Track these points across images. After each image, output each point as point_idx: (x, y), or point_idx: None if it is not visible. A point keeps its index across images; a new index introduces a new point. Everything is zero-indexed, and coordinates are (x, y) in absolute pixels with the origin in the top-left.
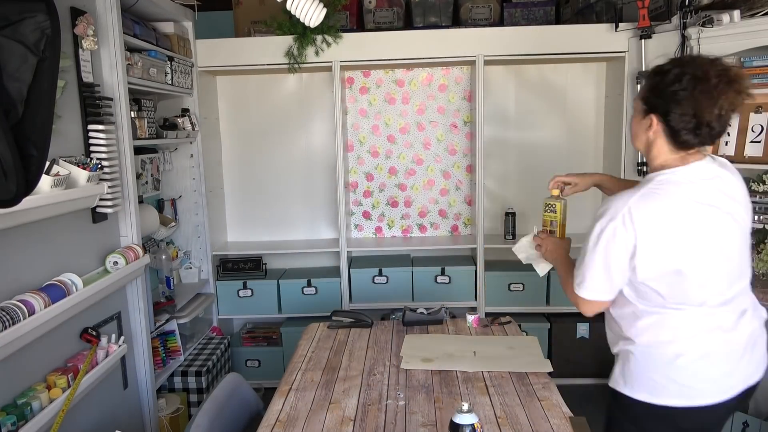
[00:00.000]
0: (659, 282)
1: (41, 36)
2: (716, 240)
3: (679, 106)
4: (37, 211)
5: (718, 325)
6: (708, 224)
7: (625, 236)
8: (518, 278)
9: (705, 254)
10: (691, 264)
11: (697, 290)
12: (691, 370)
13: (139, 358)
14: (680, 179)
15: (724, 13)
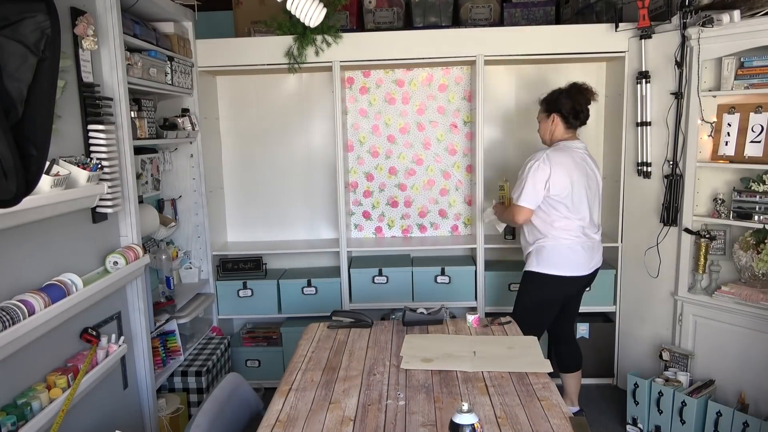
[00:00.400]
0: (563, 198)
1: (41, 36)
2: (586, 180)
3: (564, 106)
4: (37, 211)
5: (586, 232)
6: (582, 170)
7: (544, 169)
8: (518, 278)
9: (581, 186)
10: (576, 190)
11: (580, 207)
12: (575, 255)
13: (139, 358)
14: (569, 145)
15: (724, 13)
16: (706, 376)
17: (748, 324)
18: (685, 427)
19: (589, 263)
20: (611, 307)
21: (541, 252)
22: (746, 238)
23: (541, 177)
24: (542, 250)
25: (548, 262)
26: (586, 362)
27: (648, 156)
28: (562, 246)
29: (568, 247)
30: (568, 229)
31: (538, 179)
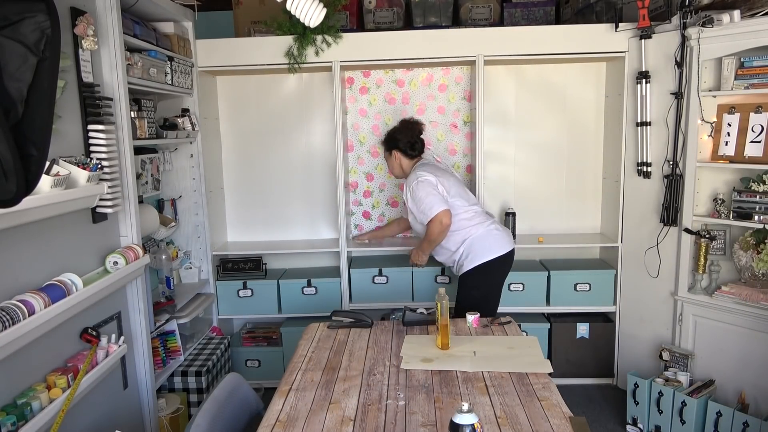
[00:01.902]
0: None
1: (41, 36)
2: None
3: (400, 141)
4: (37, 211)
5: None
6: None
7: (428, 179)
8: (518, 278)
9: (459, 183)
10: (459, 186)
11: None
12: (498, 234)
13: (139, 358)
14: (425, 161)
15: (724, 13)
16: (706, 376)
17: (748, 324)
18: (685, 427)
19: (509, 239)
20: (611, 307)
21: (471, 247)
22: (746, 238)
23: (429, 187)
24: (471, 245)
25: (481, 250)
26: (587, 362)
27: (648, 156)
28: (482, 233)
29: (487, 232)
30: (477, 215)
31: (429, 189)
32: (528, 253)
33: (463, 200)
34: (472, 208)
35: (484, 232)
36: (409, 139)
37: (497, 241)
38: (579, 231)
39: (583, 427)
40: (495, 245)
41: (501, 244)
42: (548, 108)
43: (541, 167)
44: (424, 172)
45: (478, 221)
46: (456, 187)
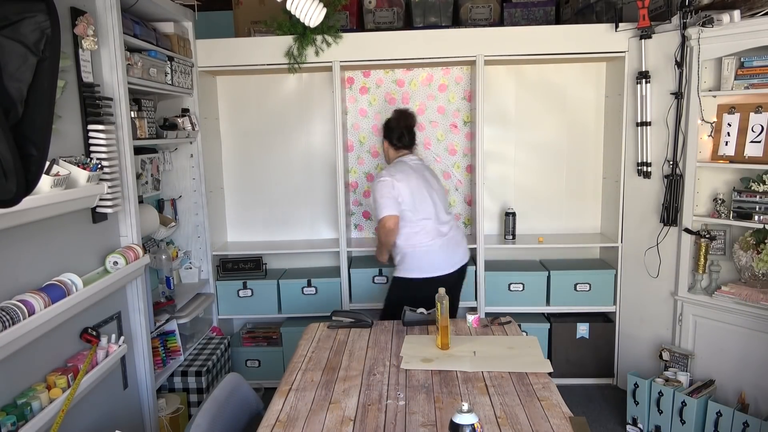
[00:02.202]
0: (407, 206)
1: (41, 36)
2: (425, 181)
3: (391, 131)
4: (37, 211)
5: (439, 229)
6: (419, 173)
7: (391, 184)
8: (518, 278)
9: (421, 188)
10: (417, 192)
11: (424, 206)
12: (433, 257)
13: (139, 358)
14: (403, 159)
15: (724, 13)
16: (706, 376)
17: (748, 324)
18: (685, 427)
19: (450, 261)
20: (611, 307)
21: (404, 259)
22: (746, 238)
23: (386, 189)
24: (404, 258)
25: (409, 267)
26: (587, 362)
27: (648, 156)
28: (418, 252)
29: (425, 252)
30: (421, 232)
31: (384, 192)
32: (528, 253)
33: (415, 213)
34: (421, 224)
35: (419, 252)
36: (399, 131)
37: (428, 264)
38: (579, 231)
39: (583, 427)
40: (425, 266)
41: (431, 267)
42: (548, 108)
43: (541, 167)
44: (388, 172)
45: (418, 240)
46: (414, 197)
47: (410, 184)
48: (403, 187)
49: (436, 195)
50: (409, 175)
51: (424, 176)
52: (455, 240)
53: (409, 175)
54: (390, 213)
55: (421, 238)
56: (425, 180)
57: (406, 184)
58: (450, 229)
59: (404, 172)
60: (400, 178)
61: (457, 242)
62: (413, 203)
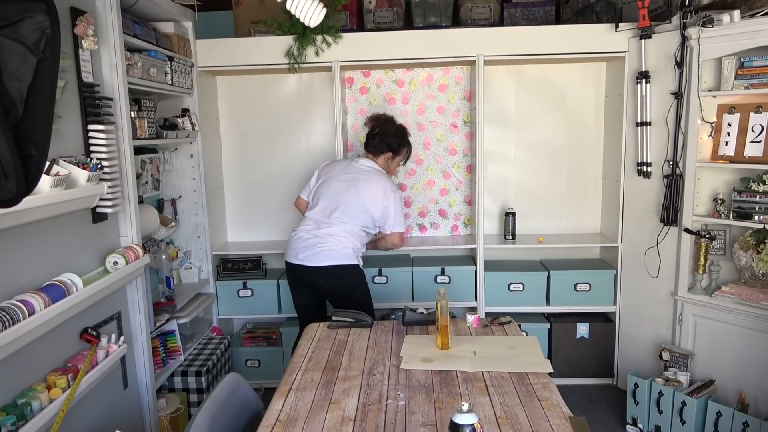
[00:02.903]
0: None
1: (41, 36)
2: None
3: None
4: (37, 211)
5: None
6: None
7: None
8: (518, 278)
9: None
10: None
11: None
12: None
13: (139, 358)
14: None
15: (724, 13)
16: (706, 376)
17: (748, 324)
18: (685, 427)
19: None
20: (611, 307)
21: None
22: (746, 238)
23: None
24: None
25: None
26: (587, 362)
27: (648, 156)
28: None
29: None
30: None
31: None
32: (528, 253)
33: (311, 202)
34: (308, 213)
35: (291, 236)
36: (368, 134)
37: (287, 248)
38: (579, 231)
39: (583, 427)
40: (287, 249)
41: (287, 252)
42: (548, 108)
43: (541, 167)
44: (326, 164)
45: (297, 224)
46: (319, 188)
47: (331, 177)
48: (321, 178)
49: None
50: (336, 169)
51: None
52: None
53: (336, 169)
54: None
55: (301, 224)
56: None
57: (326, 176)
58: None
59: (332, 167)
60: (326, 171)
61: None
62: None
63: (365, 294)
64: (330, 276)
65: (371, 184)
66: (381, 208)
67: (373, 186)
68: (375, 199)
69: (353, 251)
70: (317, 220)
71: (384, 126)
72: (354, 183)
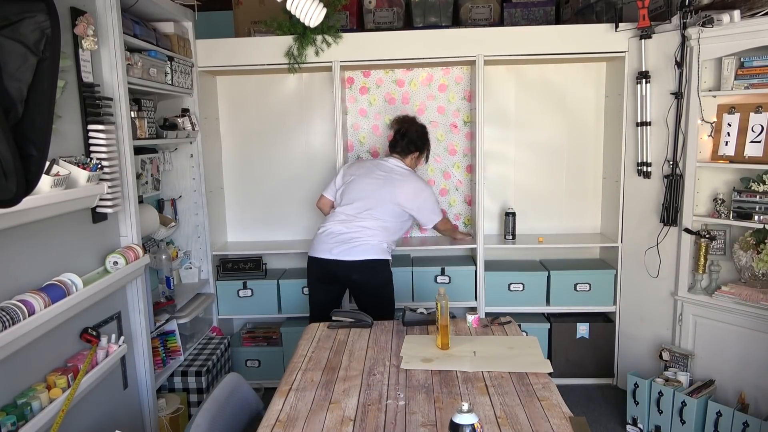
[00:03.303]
0: (339, 192)
1: (41, 36)
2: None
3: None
4: (37, 211)
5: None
6: (367, 174)
7: (340, 170)
8: (518, 278)
9: (352, 182)
10: (344, 185)
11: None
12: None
13: (139, 358)
14: (371, 159)
15: (724, 13)
16: (706, 376)
17: (748, 324)
18: (685, 427)
19: (325, 248)
20: (611, 307)
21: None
22: (746, 238)
23: (337, 174)
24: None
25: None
26: (587, 362)
27: (648, 156)
28: (318, 231)
29: (318, 233)
30: (329, 217)
31: (336, 175)
32: (528, 253)
33: (339, 199)
34: (339, 209)
35: (319, 232)
36: (394, 135)
37: (315, 244)
38: (579, 231)
39: (583, 427)
40: (315, 245)
41: (315, 249)
42: (548, 108)
43: (541, 167)
44: (350, 164)
45: (325, 221)
46: (350, 186)
47: (357, 176)
48: (347, 177)
49: (371, 195)
50: (362, 168)
51: (375, 174)
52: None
53: (362, 168)
54: (323, 192)
55: (328, 220)
56: (374, 177)
57: (352, 175)
58: (346, 222)
59: (358, 166)
60: (351, 170)
61: (346, 239)
62: (343, 193)
63: (392, 291)
64: (366, 270)
65: (407, 184)
66: (417, 208)
67: (410, 186)
68: (412, 199)
69: (387, 246)
70: (350, 215)
71: (411, 127)
72: (389, 182)
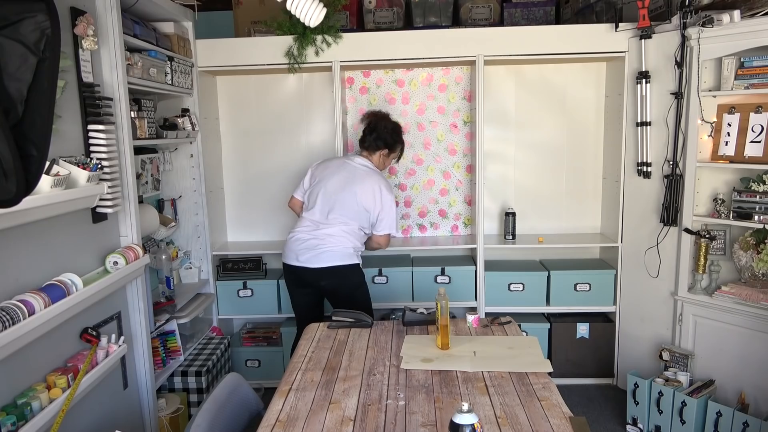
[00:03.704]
0: (307, 195)
1: (41, 36)
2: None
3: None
4: (37, 211)
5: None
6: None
7: (309, 170)
8: (518, 278)
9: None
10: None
11: (314, 203)
12: (287, 247)
13: (139, 358)
14: (340, 156)
15: (724, 13)
16: (706, 376)
17: (748, 324)
18: (685, 427)
19: (293, 256)
20: (611, 307)
21: (358, 253)
22: (746, 238)
23: (305, 175)
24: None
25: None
26: (587, 362)
27: (648, 156)
28: (289, 236)
29: (288, 238)
30: (298, 222)
31: (304, 176)
32: (528, 253)
33: (306, 202)
34: (305, 214)
35: (288, 237)
36: (363, 131)
37: (285, 250)
38: (579, 231)
39: (583, 427)
40: (285, 251)
41: (285, 254)
42: (548, 108)
43: (541, 167)
44: (318, 163)
45: (294, 226)
46: (314, 189)
47: (325, 177)
48: (315, 178)
49: (335, 199)
50: (330, 168)
51: (340, 174)
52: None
53: (330, 168)
54: (293, 194)
55: (297, 225)
56: (339, 178)
57: (321, 176)
58: (311, 229)
59: (326, 167)
60: (319, 170)
61: (311, 246)
62: (312, 196)
63: (365, 293)
64: (333, 276)
65: (367, 184)
66: (376, 209)
67: (369, 186)
68: (371, 200)
69: (354, 250)
70: (315, 221)
71: (380, 122)
72: (351, 183)
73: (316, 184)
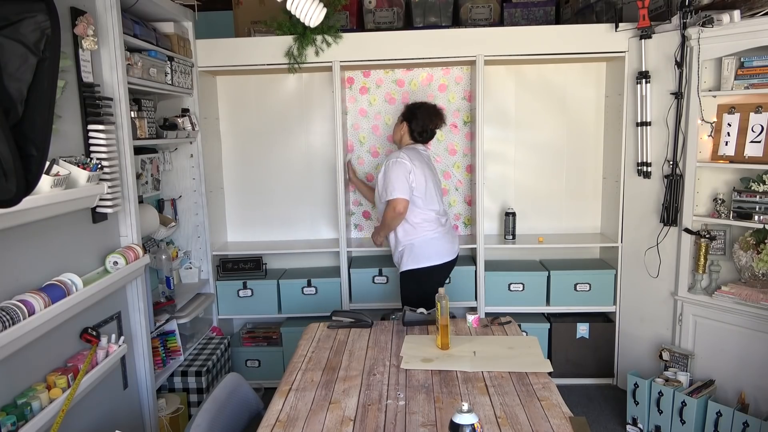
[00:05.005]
0: (420, 193)
1: (41, 36)
2: (432, 175)
3: (415, 120)
4: (37, 211)
5: (440, 220)
6: (429, 167)
7: (404, 164)
8: (518, 278)
9: (431, 181)
10: (429, 184)
11: (433, 199)
12: (440, 244)
13: (139, 358)
14: (416, 147)
15: (724, 13)
16: (706, 376)
17: (748, 324)
18: (685, 427)
19: (453, 249)
20: (611, 307)
21: (412, 250)
22: (746, 238)
23: (403, 171)
24: (411, 249)
25: (418, 257)
26: (587, 362)
27: (648, 156)
28: (428, 239)
29: (432, 239)
30: (428, 220)
31: (401, 173)
32: (528, 253)
33: (423, 201)
34: (428, 213)
35: (426, 240)
36: (424, 125)
37: (435, 251)
38: (579, 231)
39: (583, 427)
40: (432, 254)
41: (438, 254)
42: (548, 108)
43: (541, 167)
44: (406, 155)
45: (425, 228)
46: (425, 186)
47: (424, 172)
48: (419, 174)
49: (438, 187)
50: (421, 164)
51: (432, 169)
52: (451, 231)
53: (421, 164)
54: (402, 196)
55: (428, 226)
56: (432, 173)
57: (421, 171)
58: (446, 220)
59: (419, 159)
60: (417, 165)
61: (453, 233)
62: (425, 191)
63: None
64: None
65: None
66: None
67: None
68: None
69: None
70: (441, 212)
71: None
72: (433, 171)
73: (428, 180)
